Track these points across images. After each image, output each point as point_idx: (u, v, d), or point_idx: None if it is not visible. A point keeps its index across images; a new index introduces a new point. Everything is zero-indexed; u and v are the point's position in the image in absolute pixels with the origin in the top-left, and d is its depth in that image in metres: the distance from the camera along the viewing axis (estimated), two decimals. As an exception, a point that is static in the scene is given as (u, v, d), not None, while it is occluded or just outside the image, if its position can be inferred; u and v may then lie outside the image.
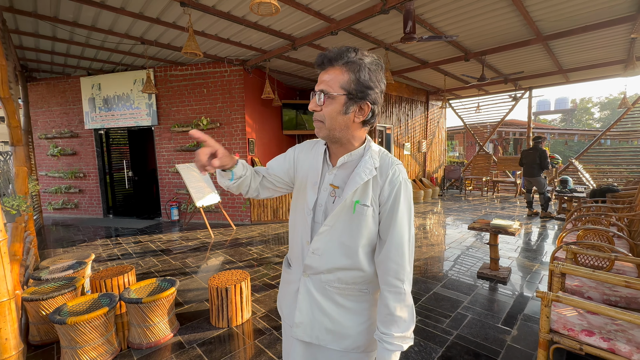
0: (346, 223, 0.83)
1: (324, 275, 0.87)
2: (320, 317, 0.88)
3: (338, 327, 0.87)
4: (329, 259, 0.85)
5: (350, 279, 0.87)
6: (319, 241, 0.85)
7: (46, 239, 5.23)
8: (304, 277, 0.90)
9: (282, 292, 1.02)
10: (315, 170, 0.91)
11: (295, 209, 0.95)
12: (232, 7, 3.70)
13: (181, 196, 6.36)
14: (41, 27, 4.21)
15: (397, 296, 0.81)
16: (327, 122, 0.81)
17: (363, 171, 0.82)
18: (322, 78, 0.81)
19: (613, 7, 3.95)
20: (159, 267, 3.73)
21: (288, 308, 0.95)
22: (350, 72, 0.78)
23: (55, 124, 6.85)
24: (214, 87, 5.92)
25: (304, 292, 0.89)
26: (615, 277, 1.84)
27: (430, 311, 2.57)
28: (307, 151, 0.97)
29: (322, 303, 0.88)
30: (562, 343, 1.73)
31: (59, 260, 2.98)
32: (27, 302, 2.17)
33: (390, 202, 0.82)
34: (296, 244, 0.93)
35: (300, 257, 0.91)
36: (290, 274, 0.97)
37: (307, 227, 0.88)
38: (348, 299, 0.88)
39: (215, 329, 2.38)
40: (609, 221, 3.30)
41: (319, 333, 0.88)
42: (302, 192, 0.93)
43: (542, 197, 5.97)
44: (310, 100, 0.84)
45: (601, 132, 8.64)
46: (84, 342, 1.93)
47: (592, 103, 33.75)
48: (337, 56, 0.79)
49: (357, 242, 0.84)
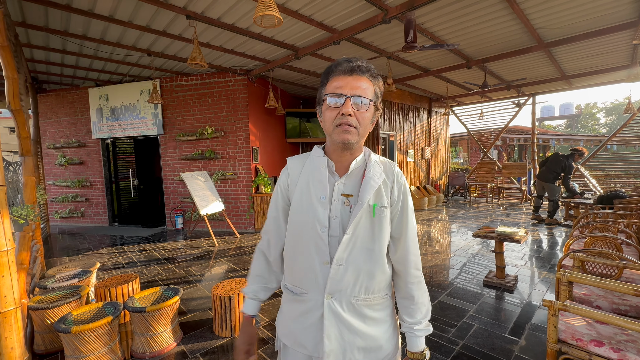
0: (367, 228, 0.85)
1: (350, 289, 0.85)
2: (350, 338, 0.85)
3: (369, 342, 0.87)
4: (354, 268, 0.85)
5: (376, 286, 0.88)
6: (343, 251, 0.83)
7: (53, 247, 5.28)
8: (327, 299, 0.84)
9: (295, 325, 0.91)
10: (320, 184, 0.87)
11: (299, 231, 0.88)
12: (236, 19, 3.78)
13: (186, 204, 6.40)
14: (52, 40, 4.34)
15: (419, 285, 0.91)
16: (361, 129, 0.83)
17: (375, 175, 0.86)
18: (355, 84, 0.81)
19: (614, 14, 3.96)
20: (163, 276, 3.74)
21: (312, 340, 0.87)
22: (375, 85, 0.85)
23: (64, 134, 6.98)
24: (218, 97, 6.01)
25: (330, 317, 0.84)
26: (624, 285, 1.81)
27: (436, 320, 2.54)
28: (298, 169, 0.93)
29: (351, 322, 0.85)
30: (571, 354, 1.69)
31: (64, 269, 3.01)
32: (33, 310, 2.18)
33: (401, 201, 0.89)
34: (309, 269, 0.87)
35: (317, 280, 0.86)
36: (304, 303, 0.89)
37: (325, 246, 0.84)
38: (374, 309, 0.89)
39: (218, 338, 2.36)
40: (617, 228, 3.24)
41: (351, 355, 0.86)
42: (304, 212, 0.87)
43: (552, 204, 5.90)
44: (337, 106, 0.81)
45: (607, 137, 8.56)
46: (88, 351, 1.93)
47: (598, 108, 33.53)
48: (367, 68, 0.83)
49: (380, 245, 0.86)
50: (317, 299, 0.86)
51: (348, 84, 0.80)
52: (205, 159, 6.20)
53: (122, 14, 3.62)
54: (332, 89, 0.82)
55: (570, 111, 34.68)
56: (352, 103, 0.80)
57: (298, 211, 0.89)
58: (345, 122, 0.80)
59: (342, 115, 0.80)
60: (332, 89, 0.82)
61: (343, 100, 0.80)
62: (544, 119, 35.78)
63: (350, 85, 0.80)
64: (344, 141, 0.82)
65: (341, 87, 0.80)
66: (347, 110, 0.79)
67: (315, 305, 0.86)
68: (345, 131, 0.81)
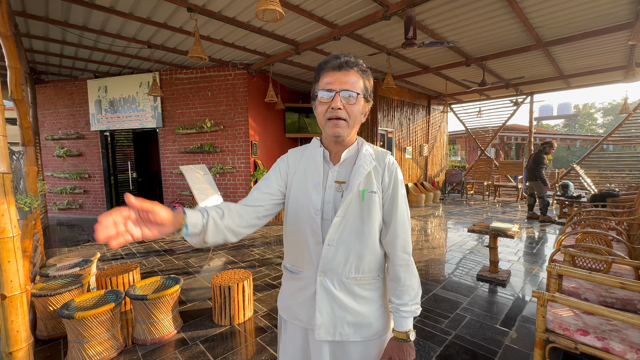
0: (357, 211, 0.90)
1: (341, 268, 0.91)
2: (340, 313, 0.92)
3: (359, 319, 0.93)
4: (345, 248, 0.91)
5: (366, 266, 0.94)
6: (334, 233, 0.90)
7: (51, 238, 5.30)
8: (320, 277, 0.91)
9: (292, 301, 0.99)
10: (315, 171, 0.94)
11: (296, 215, 0.95)
12: (237, 12, 3.79)
13: (184, 197, 6.43)
14: (51, 31, 4.32)
15: (406, 268, 0.94)
16: (350, 121, 0.89)
17: (365, 162, 0.92)
18: (343, 79, 0.86)
19: (611, 15, 4.01)
20: (162, 267, 3.78)
21: (306, 313, 0.95)
22: (364, 79, 0.90)
23: (62, 125, 6.96)
24: (218, 90, 6.02)
25: (322, 293, 0.91)
26: (610, 278, 1.88)
27: (430, 312, 2.61)
28: (297, 158, 1.00)
29: (342, 298, 0.92)
30: (558, 342, 1.76)
31: (65, 258, 3.04)
32: (36, 297, 2.23)
33: (391, 187, 0.94)
34: (304, 249, 0.94)
35: (311, 259, 0.93)
36: (300, 280, 0.97)
37: (317, 227, 0.90)
38: (365, 288, 0.95)
39: (217, 327, 2.42)
40: (608, 225, 3.32)
41: (341, 329, 0.92)
42: (300, 197, 0.94)
43: (541, 200, 6.00)
44: (328, 100, 0.86)
45: (602, 137, 8.65)
46: (90, 336, 1.98)
47: (595, 109, 33.67)
48: (355, 62, 0.88)
49: (368, 227, 0.92)
50: (311, 276, 0.93)
51: (337, 80, 0.86)
52: (204, 153, 6.22)
53: (123, 5, 3.62)
54: (323, 85, 0.88)
55: (569, 111, 34.85)
56: (341, 97, 0.86)
57: (296, 197, 0.95)
58: (335, 116, 0.86)
59: (332, 109, 0.86)
60: (322, 84, 0.88)
61: (333, 94, 0.86)
62: (542, 118, 35.93)
63: (339, 81, 0.86)
64: (334, 134, 0.89)
65: (331, 83, 0.86)
66: (336, 105, 0.85)
67: (310, 282, 0.94)
68: (335, 125, 0.87)
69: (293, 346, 1.01)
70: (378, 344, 0.97)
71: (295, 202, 0.95)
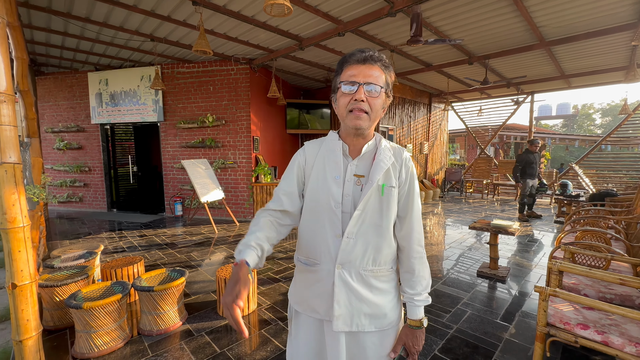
0: (376, 205, 0.93)
1: (359, 261, 0.93)
2: (357, 304, 0.94)
3: (375, 310, 0.96)
4: (363, 241, 0.93)
5: (383, 259, 0.97)
6: (353, 226, 0.91)
7: (51, 231, 5.31)
8: (338, 269, 0.93)
9: (308, 293, 1.00)
10: (335, 165, 0.95)
11: (315, 208, 0.96)
12: (242, 6, 3.78)
13: (185, 192, 6.44)
14: (53, 22, 4.29)
15: (420, 260, 0.99)
16: (372, 114, 0.90)
17: (385, 157, 0.95)
18: (367, 72, 0.87)
19: (615, 15, 4.03)
20: (165, 260, 3.80)
21: (324, 305, 0.96)
22: (387, 74, 0.92)
23: (62, 118, 6.93)
24: (220, 85, 6.00)
25: (340, 285, 0.93)
26: (610, 274, 1.92)
27: (431, 306, 2.65)
28: (315, 150, 1.01)
29: (359, 290, 0.94)
30: (558, 336, 1.80)
31: (69, 250, 3.06)
32: (43, 288, 2.24)
33: (408, 183, 0.97)
34: (322, 241, 0.95)
35: (329, 252, 0.94)
36: (316, 272, 0.97)
37: (338, 220, 0.92)
38: (381, 280, 0.97)
39: (222, 319, 2.45)
40: (607, 224, 3.37)
41: (358, 320, 0.95)
42: (320, 190, 0.95)
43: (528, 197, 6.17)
44: (351, 92, 0.88)
45: (601, 137, 8.71)
46: (98, 326, 2.01)
47: (594, 109, 33.78)
48: (379, 57, 0.90)
49: (387, 221, 0.94)
50: (329, 268, 0.95)
51: (361, 73, 0.88)
52: (205, 147, 6.21)
53: (127, -3, 3.60)
54: (347, 77, 0.89)
55: (567, 111, 34.98)
56: (365, 90, 0.87)
57: (315, 189, 0.97)
58: (358, 107, 0.88)
59: (355, 100, 0.87)
60: (346, 77, 0.89)
61: (356, 87, 0.87)
62: (541, 118, 36.02)
63: (363, 74, 0.87)
64: (356, 127, 0.90)
65: (355, 75, 0.88)
66: (360, 96, 0.86)
67: (327, 275, 0.95)
68: (357, 117, 0.88)
69: (306, 338, 1.03)
70: (391, 334, 1.00)
71: (315, 194, 0.96)
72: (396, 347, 0.98)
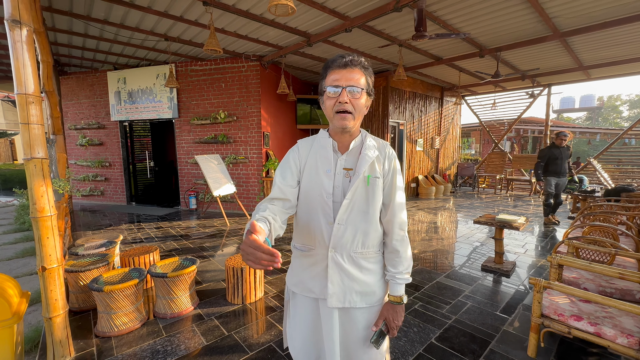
0: (363, 194, 1.04)
1: (349, 244, 1.04)
2: (349, 283, 1.05)
3: (364, 287, 1.07)
4: (353, 226, 1.03)
5: (370, 242, 1.07)
6: (343, 213, 1.02)
7: (75, 222, 5.64)
8: (331, 252, 1.04)
9: (304, 275, 1.11)
10: (326, 160, 1.05)
11: (309, 199, 1.06)
12: (250, 5, 3.87)
13: (199, 186, 6.67)
14: (75, 24, 4.53)
15: (402, 242, 1.09)
16: (356, 113, 1.00)
17: (369, 152, 1.05)
18: (348, 76, 0.97)
19: (633, 3, 3.88)
20: (179, 250, 4.01)
21: (319, 285, 1.07)
22: (367, 75, 1.01)
23: (84, 115, 7.29)
24: (231, 82, 6.15)
25: (333, 266, 1.04)
26: (609, 268, 1.93)
27: (432, 298, 2.71)
28: (307, 148, 1.10)
29: (350, 270, 1.05)
30: (552, 327, 1.84)
31: (91, 239, 3.29)
32: (68, 273, 2.45)
33: (390, 173, 1.08)
34: (316, 229, 1.05)
35: (323, 238, 1.05)
36: (311, 257, 1.08)
37: (329, 209, 1.03)
38: (369, 261, 1.09)
39: (231, 305, 2.60)
40: (618, 220, 3.31)
41: (350, 297, 1.06)
42: (313, 183, 1.05)
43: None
44: (335, 95, 0.97)
45: (623, 130, 8.36)
46: (117, 308, 2.19)
47: (621, 101, 32.13)
48: (358, 61, 0.99)
49: (373, 208, 1.05)
50: (323, 252, 1.06)
51: (343, 77, 0.97)
52: (218, 143, 6.41)
53: (142, -1, 3.76)
54: (330, 82, 0.99)
55: (592, 103, 33.38)
56: (348, 92, 0.97)
57: (308, 182, 1.07)
58: (342, 109, 0.98)
59: (339, 103, 0.97)
60: (330, 81, 0.99)
61: (340, 90, 0.97)
62: (562, 110, 34.59)
63: (345, 78, 0.97)
64: (342, 126, 1.00)
65: (338, 80, 0.97)
66: (344, 99, 0.97)
67: (322, 258, 1.07)
68: (343, 118, 0.99)
69: (303, 315, 1.15)
70: (379, 310, 1.11)
71: (308, 187, 1.07)
72: (378, 321, 1.09)
